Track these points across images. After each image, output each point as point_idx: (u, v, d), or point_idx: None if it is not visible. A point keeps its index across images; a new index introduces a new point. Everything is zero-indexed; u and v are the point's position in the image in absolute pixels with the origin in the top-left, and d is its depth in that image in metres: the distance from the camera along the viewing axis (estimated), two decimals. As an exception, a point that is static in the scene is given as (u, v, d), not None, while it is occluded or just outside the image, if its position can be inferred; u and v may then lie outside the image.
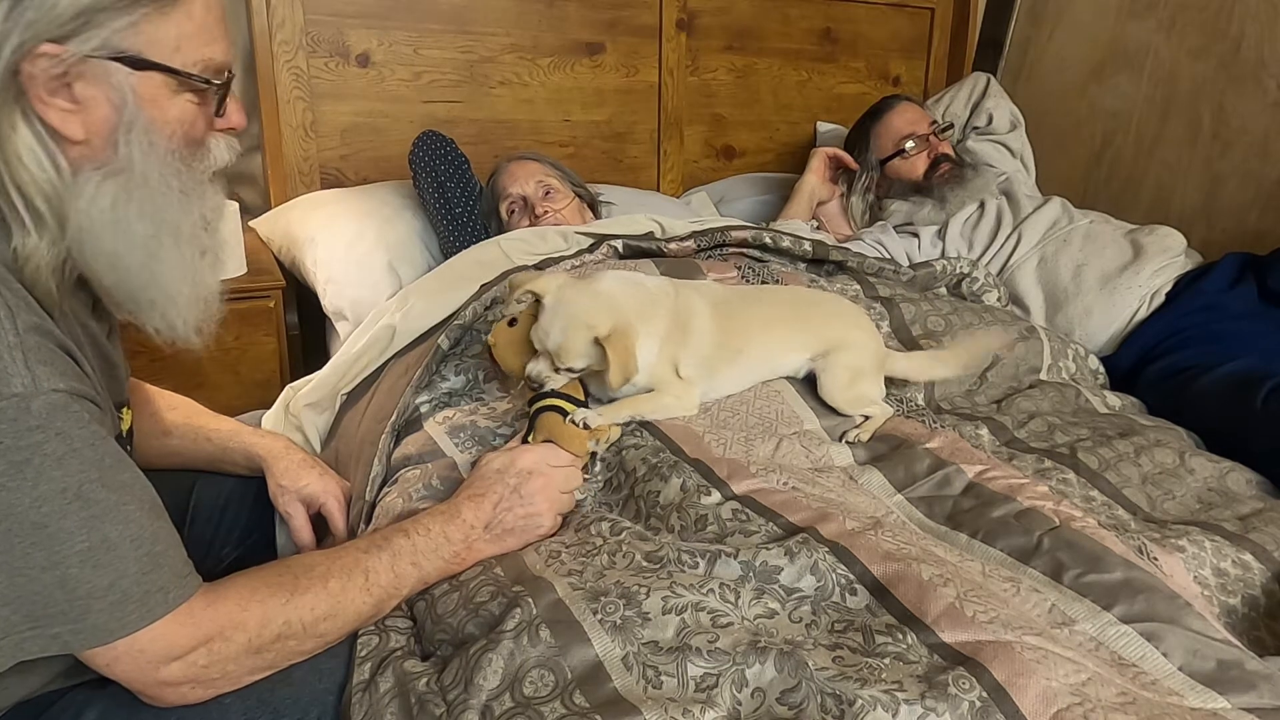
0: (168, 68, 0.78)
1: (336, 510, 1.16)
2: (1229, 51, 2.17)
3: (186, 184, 0.84)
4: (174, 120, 0.81)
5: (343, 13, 1.99)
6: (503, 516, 0.99)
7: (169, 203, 0.82)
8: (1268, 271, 1.76)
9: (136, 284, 0.83)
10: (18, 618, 0.71)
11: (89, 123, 0.77)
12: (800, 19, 2.54)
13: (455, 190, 1.81)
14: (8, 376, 0.68)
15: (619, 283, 1.18)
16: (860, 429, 1.27)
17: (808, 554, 0.95)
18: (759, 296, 1.40)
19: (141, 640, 0.74)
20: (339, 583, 0.86)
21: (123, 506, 0.74)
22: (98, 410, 0.77)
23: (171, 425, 1.18)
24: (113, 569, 0.72)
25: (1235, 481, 1.32)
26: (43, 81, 0.73)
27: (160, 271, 0.83)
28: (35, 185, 0.75)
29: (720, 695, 0.79)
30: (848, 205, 2.23)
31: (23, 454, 0.68)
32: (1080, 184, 2.50)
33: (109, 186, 0.78)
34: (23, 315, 0.71)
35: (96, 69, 0.75)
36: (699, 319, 1.22)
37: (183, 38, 0.78)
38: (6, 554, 0.69)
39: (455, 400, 1.30)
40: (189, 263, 0.86)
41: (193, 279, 0.86)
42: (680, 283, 1.29)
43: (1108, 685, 0.81)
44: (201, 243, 0.87)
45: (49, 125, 0.75)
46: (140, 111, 0.78)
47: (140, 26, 0.75)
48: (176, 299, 0.86)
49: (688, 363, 1.20)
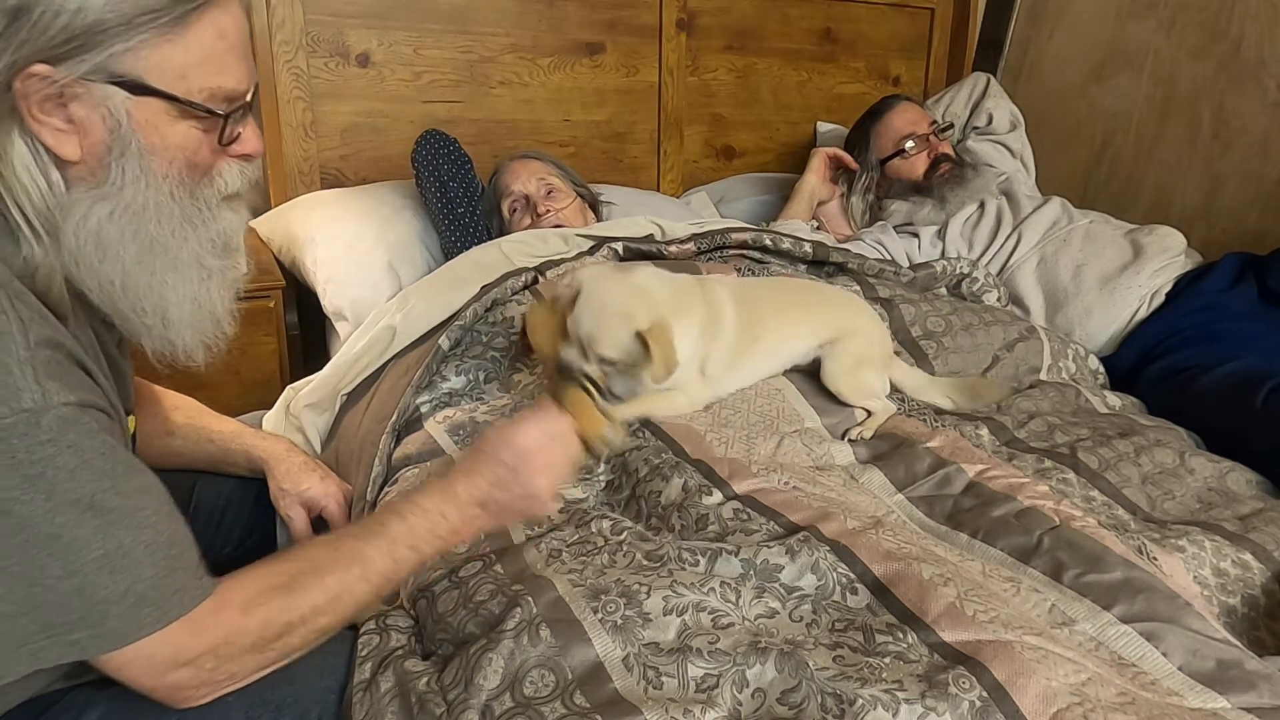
0: (168, 94, 0.77)
1: (338, 513, 1.16)
2: (1229, 51, 2.17)
3: (189, 209, 0.83)
4: (174, 146, 0.80)
5: (343, 13, 1.99)
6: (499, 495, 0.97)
7: (164, 228, 0.81)
8: (1268, 271, 1.77)
9: (126, 305, 0.82)
10: (35, 626, 0.71)
11: (85, 144, 0.76)
12: (800, 19, 2.54)
13: (458, 190, 1.81)
14: (18, 392, 0.69)
15: (653, 277, 1.18)
16: (862, 426, 1.27)
17: (808, 553, 0.95)
18: (770, 284, 1.42)
19: (152, 645, 0.74)
20: (337, 577, 0.86)
21: (137, 512, 0.74)
22: (108, 419, 0.77)
23: (174, 426, 1.18)
24: (129, 574, 0.73)
25: (1235, 481, 1.32)
26: (36, 100, 0.73)
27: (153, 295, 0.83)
28: (30, 200, 0.76)
29: (721, 695, 0.79)
30: (848, 205, 2.23)
31: (36, 468, 0.69)
32: (1080, 184, 2.50)
33: (99, 209, 0.78)
34: (35, 329, 0.71)
35: (93, 91, 0.74)
36: (726, 312, 1.23)
37: (189, 65, 0.77)
38: (23, 565, 0.69)
39: (456, 400, 1.30)
40: (190, 285, 0.85)
41: (194, 301, 0.85)
42: (703, 277, 1.30)
43: (1107, 685, 0.81)
44: (207, 265, 0.86)
45: (43, 143, 0.75)
46: (135, 136, 0.77)
47: (140, 52, 0.75)
48: (174, 321, 0.85)
49: (715, 359, 1.20)
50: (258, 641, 0.80)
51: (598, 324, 1.08)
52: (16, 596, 0.70)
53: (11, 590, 0.70)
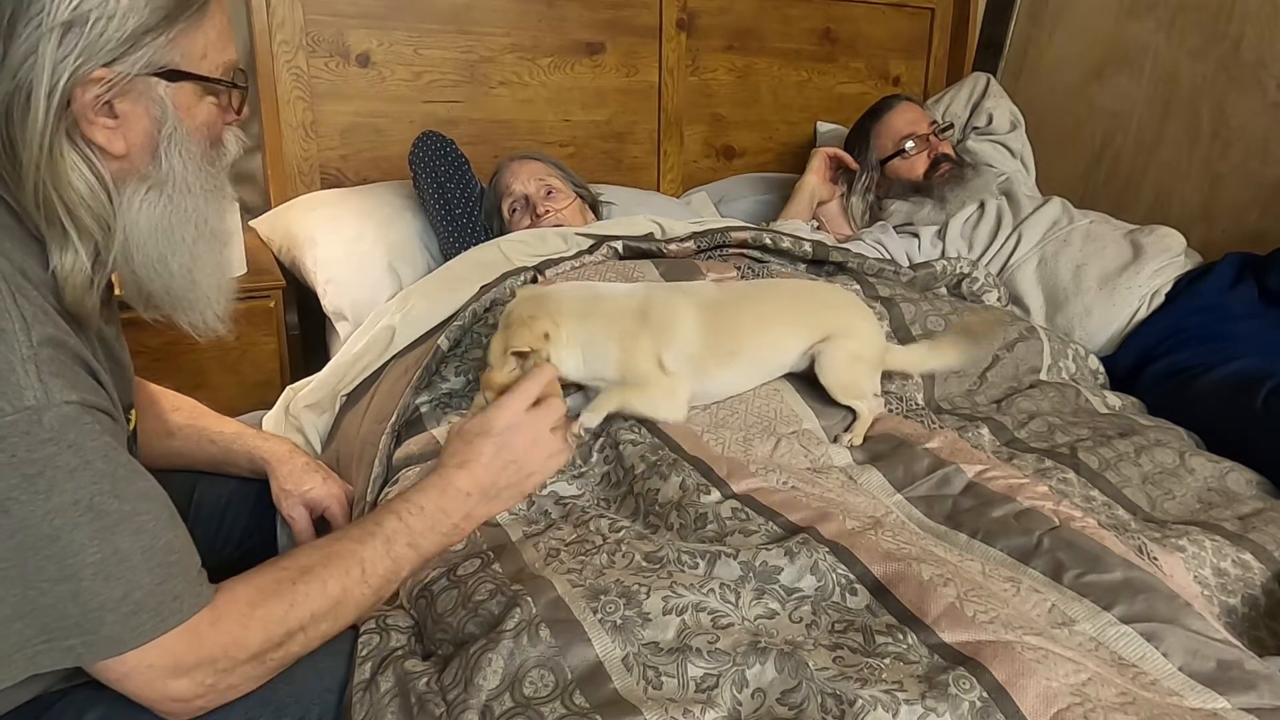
0: (199, 76, 0.82)
1: (340, 514, 1.16)
2: (1229, 51, 2.17)
3: (211, 183, 0.88)
4: (202, 124, 0.85)
5: (343, 13, 1.99)
6: (495, 477, 1.00)
7: (206, 204, 0.86)
8: (1268, 272, 1.76)
9: (180, 287, 0.87)
10: (31, 631, 0.71)
11: (130, 137, 0.80)
12: (800, 19, 2.54)
13: (455, 191, 1.81)
14: (20, 389, 0.69)
15: (567, 286, 1.27)
16: (851, 432, 1.27)
17: (808, 554, 0.95)
18: (756, 294, 1.38)
19: (150, 655, 0.74)
20: (338, 582, 0.86)
21: (135, 517, 0.74)
22: (110, 421, 0.77)
23: (175, 426, 1.18)
24: (125, 580, 0.72)
25: (1235, 481, 1.32)
26: (91, 104, 0.76)
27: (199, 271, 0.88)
28: (84, 204, 0.78)
29: (720, 696, 0.79)
30: (848, 205, 2.23)
31: (35, 467, 0.69)
32: (1080, 184, 2.50)
33: (154, 196, 0.82)
34: (38, 327, 0.72)
35: (139, 85, 0.78)
36: (680, 316, 1.23)
37: (209, 45, 0.82)
38: (20, 568, 0.69)
39: (455, 401, 1.30)
40: (214, 255, 0.90)
41: (218, 270, 0.91)
42: (660, 285, 1.30)
43: (1108, 685, 0.81)
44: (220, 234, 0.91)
45: (95, 144, 0.78)
46: (179, 121, 0.81)
47: (177, 41, 0.79)
48: (210, 295, 0.90)
49: (671, 356, 1.20)
50: (258, 653, 0.80)
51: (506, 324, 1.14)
52: (13, 600, 0.69)
53: (8, 593, 0.69)
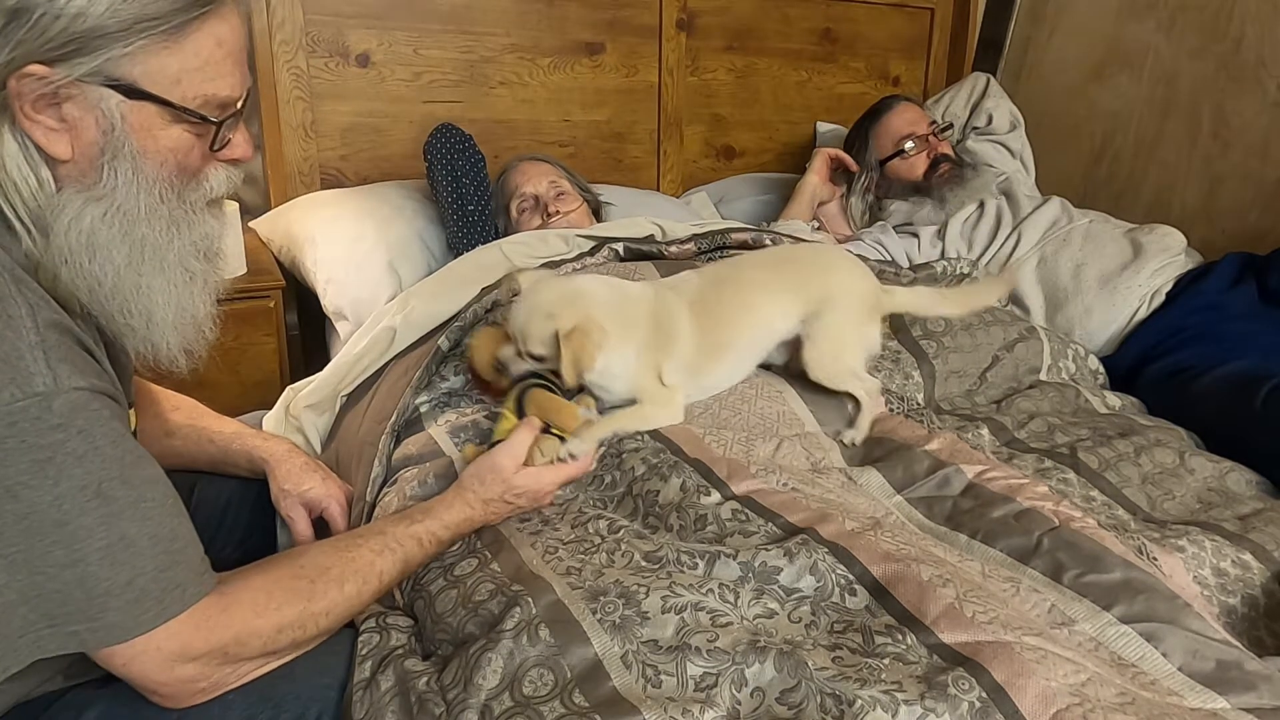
0: (162, 100, 0.77)
1: (339, 514, 1.16)
2: (1229, 51, 2.17)
3: (176, 212, 0.83)
4: (165, 149, 0.80)
5: (343, 13, 1.99)
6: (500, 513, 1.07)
7: (153, 230, 0.81)
8: (1268, 271, 1.76)
9: (113, 307, 0.82)
10: (35, 615, 0.71)
11: (77, 144, 0.77)
12: (800, 19, 2.54)
13: (470, 187, 1.78)
14: (30, 375, 0.69)
15: (597, 283, 1.20)
16: (855, 429, 1.27)
17: (807, 554, 0.95)
18: (736, 276, 1.33)
19: (158, 638, 0.75)
20: (354, 586, 0.89)
21: (142, 504, 0.75)
22: (118, 407, 0.77)
23: (175, 426, 1.18)
24: (131, 566, 0.73)
25: (1235, 481, 1.32)
26: (29, 99, 0.73)
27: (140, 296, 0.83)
28: (20, 198, 0.76)
29: (720, 695, 0.79)
30: (847, 205, 2.24)
31: (45, 452, 0.69)
32: (1080, 184, 2.50)
33: (90, 210, 0.78)
34: (43, 313, 0.72)
35: (88, 93, 0.75)
36: (680, 322, 1.22)
37: (185, 72, 0.77)
38: (26, 552, 0.69)
39: (455, 400, 1.30)
40: (174, 288, 0.85)
41: (177, 304, 0.85)
42: (659, 284, 1.29)
43: (1107, 685, 0.81)
44: (190, 268, 0.86)
45: (34, 141, 0.75)
46: (128, 139, 0.77)
47: (137, 57, 0.75)
48: (159, 324, 0.85)
49: (671, 369, 1.20)
50: (269, 642, 0.82)
51: (526, 318, 1.11)
52: (19, 585, 0.70)
53: (14, 578, 0.70)
